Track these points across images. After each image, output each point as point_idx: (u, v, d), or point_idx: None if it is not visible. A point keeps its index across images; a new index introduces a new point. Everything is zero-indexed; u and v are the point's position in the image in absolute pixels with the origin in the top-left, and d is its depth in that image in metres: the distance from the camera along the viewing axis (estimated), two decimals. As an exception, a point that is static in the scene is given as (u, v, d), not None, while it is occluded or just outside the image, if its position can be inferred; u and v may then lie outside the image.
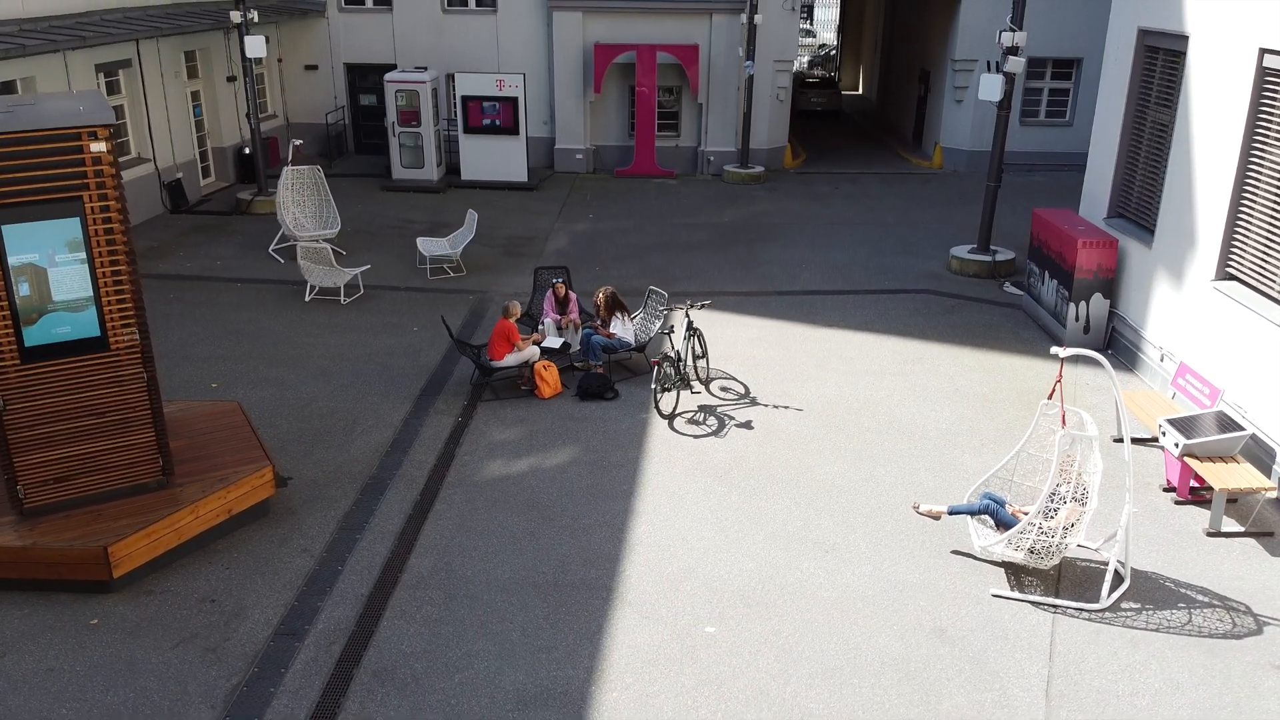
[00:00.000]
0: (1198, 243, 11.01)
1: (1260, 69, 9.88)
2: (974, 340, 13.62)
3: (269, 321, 14.21)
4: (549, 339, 12.40)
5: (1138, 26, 12.35)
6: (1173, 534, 9.00)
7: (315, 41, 24.59)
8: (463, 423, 11.17)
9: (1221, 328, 10.42)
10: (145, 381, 8.35)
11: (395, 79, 21.99)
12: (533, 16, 23.99)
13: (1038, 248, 14.12)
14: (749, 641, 7.54)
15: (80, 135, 7.55)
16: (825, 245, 18.35)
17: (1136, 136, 12.76)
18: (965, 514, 8.54)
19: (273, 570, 8.39)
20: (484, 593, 8.11)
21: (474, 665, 7.27)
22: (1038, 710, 6.85)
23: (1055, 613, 7.90)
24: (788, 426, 11.06)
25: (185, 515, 8.38)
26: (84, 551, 7.84)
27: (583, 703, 6.90)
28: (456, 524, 9.14)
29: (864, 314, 14.66)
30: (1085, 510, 7.91)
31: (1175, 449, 9.15)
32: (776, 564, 8.52)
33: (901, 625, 7.73)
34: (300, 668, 7.23)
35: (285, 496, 9.47)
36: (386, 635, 7.60)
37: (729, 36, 23.54)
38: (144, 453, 8.49)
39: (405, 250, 17.54)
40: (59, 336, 7.92)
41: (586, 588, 8.19)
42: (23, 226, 7.54)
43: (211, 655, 7.34)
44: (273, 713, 6.79)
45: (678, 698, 6.95)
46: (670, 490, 9.72)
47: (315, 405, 11.50)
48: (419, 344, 13.41)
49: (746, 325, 14.13)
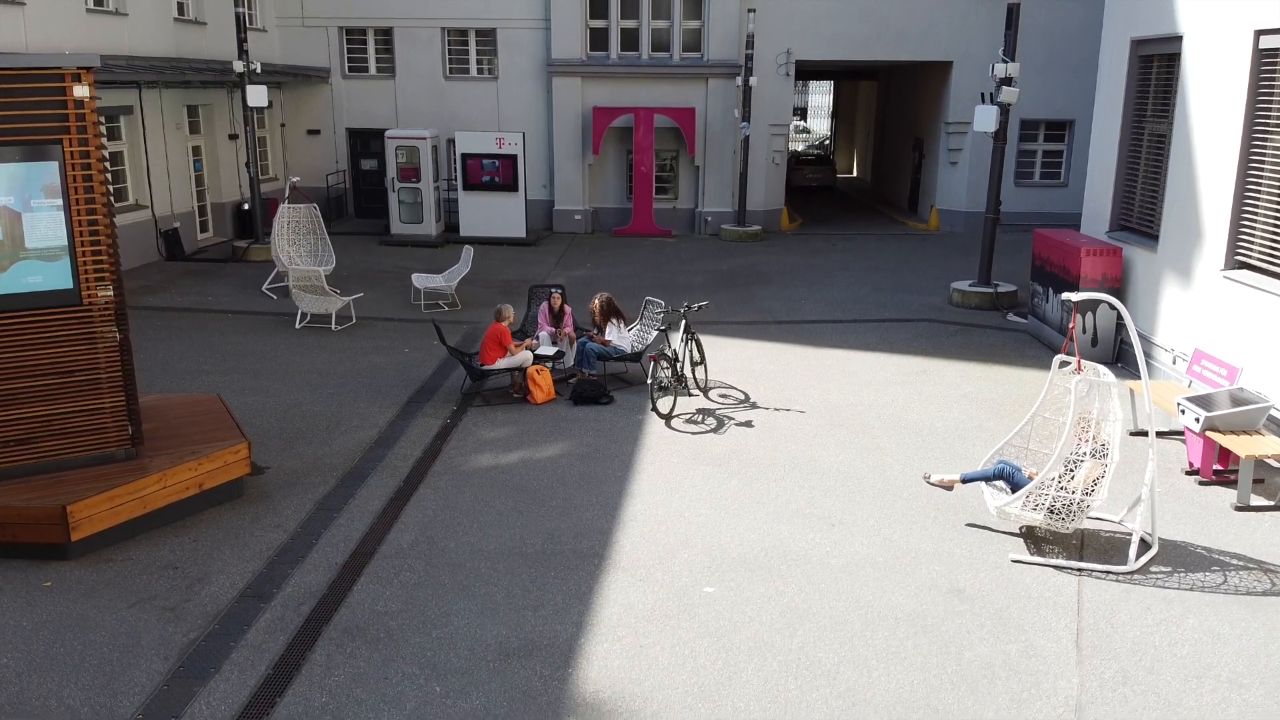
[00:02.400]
0: (1205, 236, 10.80)
1: (1256, 51, 9.84)
2: (980, 356, 13.30)
3: (257, 344, 13.91)
4: (543, 347, 12.07)
5: (1130, 38, 12.44)
6: (1199, 510, 8.49)
7: (318, 107, 25.00)
8: (451, 424, 10.74)
9: (1235, 313, 10.11)
10: (117, 342, 7.99)
11: (396, 135, 22.24)
12: (533, 82, 24.46)
13: (1040, 266, 13.92)
14: (751, 599, 6.99)
15: (64, 77, 7.40)
16: (823, 286, 18.18)
17: (1135, 147, 12.70)
18: (980, 480, 8.06)
19: (243, 543, 7.87)
20: (467, 560, 7.58)
21: (453, 622, 6.71)
22: (1068, 660, 6.27)
23: (1080, 575, 7.35)
24: (790, 424, 10.64)
25: (152, 482, 7.89)
26: (41, 510, 7.34)
27: (571, 653, 6.32)
28: (440, 504, 8.65)
29: (865, 338, 14.36)
30: (1106, 467, 7.45)
31: (1196, 424, 8.73)
32: (780, 535, 8.00)
33: (915, 585, 7.19)
34: (264, 625, 6.67)
35: (261, 482, 9.00)
36: (360, 597, 7.04)
37: (725, 100, 23.93)
38: (112, 418, 8.06)
39: (400, 290, 17.37)
40: (30, 286, 7.61)
41: (577, 555, 7.66)
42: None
43: (170, 614, 6.78)
44: (231, 664, 6.20)
45: (674, 649, 6.37)
46: (667, 476, 9.25)
47: (298, 409, 11.09)
48: (409, 362, 13.07)
49: (745, 347, 13.82)
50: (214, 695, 5.88)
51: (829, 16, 23.96)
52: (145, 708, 5.76)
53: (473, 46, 24.83)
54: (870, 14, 23.84)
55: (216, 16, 21.20)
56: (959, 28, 23.66)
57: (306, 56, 24.45)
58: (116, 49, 17.85)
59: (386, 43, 24.76)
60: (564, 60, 23.90)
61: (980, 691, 5.94)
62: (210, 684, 5.99)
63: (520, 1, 24.08)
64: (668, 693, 5.92)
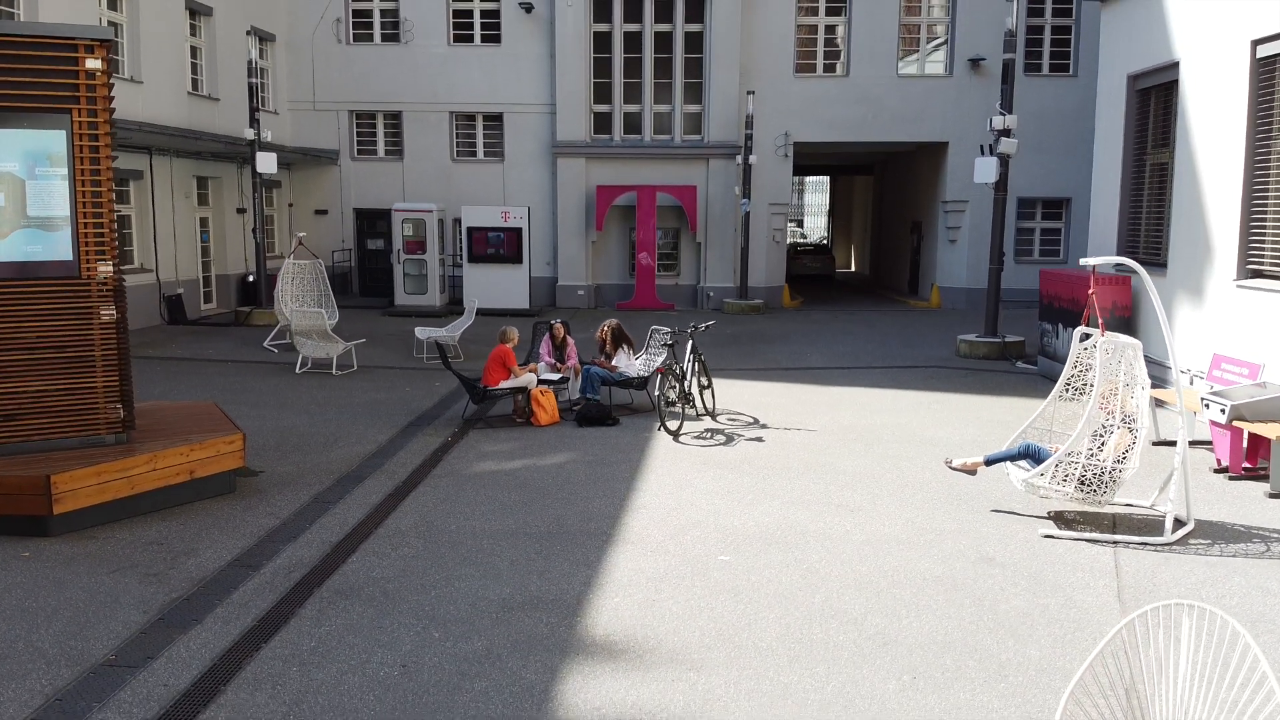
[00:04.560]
0: (1215, 252, 10.74)
1: (1255, 62, 9.99)
2: (994, 390, 13.07)
3: (256, 383, 13.69)
4: (546, 375, 11.85)
5: (1126, 74, 12.68)
6: (1233, 499, 8.14)
7: (326, 187, 25.42)
8: (452, 442, 10.43)
9: (1252, 317, 9.96)
10: (114, 320, 7.80)
11: (403, 208, 22.53)
12: (538, 163, 24.94)
13: (1048, 304, 13.83)
14: (770, 564, 6.60)
15: (78, 47, 7.44)
16: (828, 343, 18.06)
17: (1138, 180, 12.79)
18: (1004, 459, 7.74)
19: (233, 525, 7.49)
20: (469, 539, 7.20)
21: (454, 584, 6.30)
22: (1111, 610, 5.86)
23: (1116, 546, 6.97)
24: (802, 440, 10.33)
25: (140, 462, 7.57)
26: (22, 480, 7.00)
27: (580, 606, 5.91)
28: (441, 497, 8.29)
29: (874, 378, 14.16)
30: (1136, 435, 7.15)
31: (1223, 415, 8.45)
32: (797, 518, 7.63)
33: (943, 554, 6.80)
34: (252, 587, 6.26)
35: (254, 482, 8.66)
36: (355, 567, 6.65)
37: (725, 179, 24.36)
38: (105, 398, 7.80)
39: (403, 347, 17.24)
40: (29, 255, 7.47)
41: (585, 534, 7.27)
42: (6, 134, 7.28)
43: (153, 579, 6.38)
44: (214, 617, 5.79)
45: (689, 602, 5.97)
46: (676, 476, 8.90)
47: (295, 430, 10.79)
48: (411, 397, 12.82)
49: (751, 386, 13.60)
50: (194, 641, 5.46)
51: (825, 100, 24.62)
52: (119, 651, 5.34)
53: (480, 130, 25.42)
54: (866, 97, 24.49)
55: (230, 93, 21.75)
56: (953, 109, 24.26)
57: (317, 139, 24.99)
58: (130, 115, 18.20)
59: (395, 126, 25.35)
60: (569, 142, 24.43)
61: (1021, 635, 5.52)
62: (190, 632, 5.57)
63: (527, 87, 24.78)
64: (684, 636, 5.50)
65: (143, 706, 4.73)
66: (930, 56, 25.26)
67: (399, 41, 24.84)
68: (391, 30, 24.98)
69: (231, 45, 21.77)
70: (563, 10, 24.09)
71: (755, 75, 24.30)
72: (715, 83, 24.17)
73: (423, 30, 24.73)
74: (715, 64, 24.12)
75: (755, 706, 4.72)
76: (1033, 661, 5.19)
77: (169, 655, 5.28)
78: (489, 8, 24.84)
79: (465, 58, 24.87)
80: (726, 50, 24.01)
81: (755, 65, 24.40)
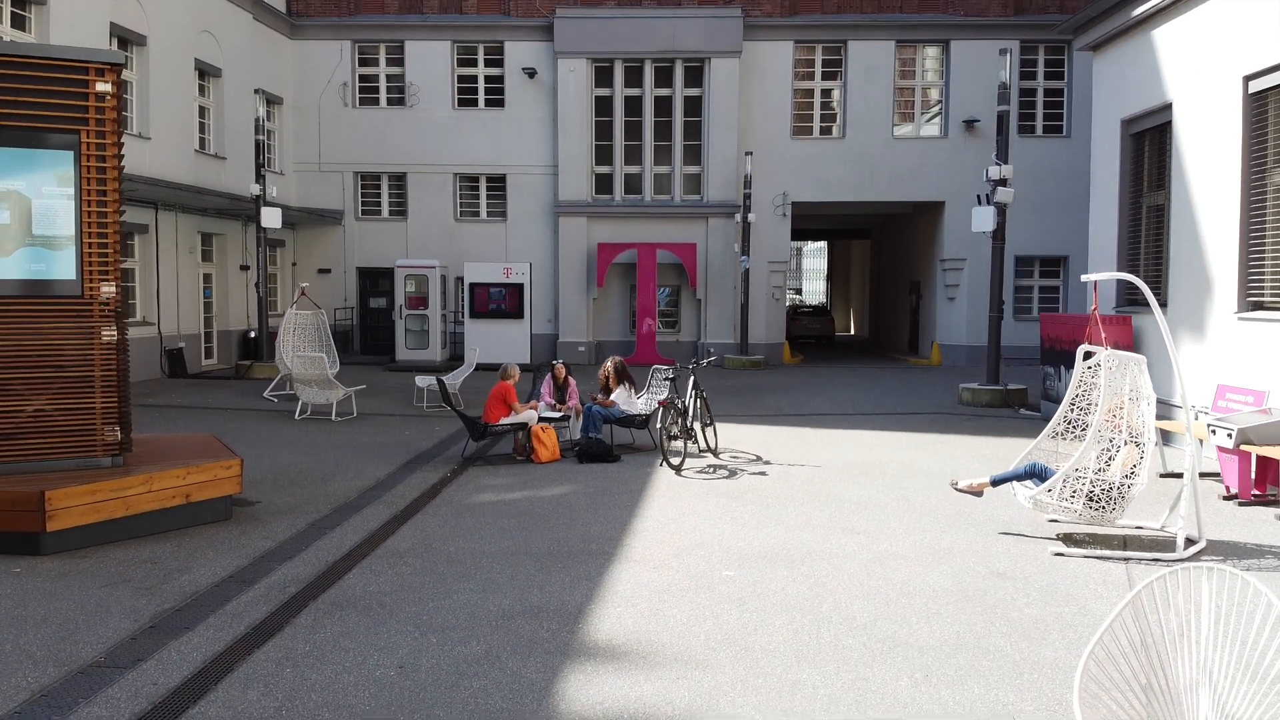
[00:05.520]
0: (1214, 287, 10.77)
1: (1247, 98, 10.15)
2: (998, 432, 12.98)
3: (255, 427, 13.61)
4: (548, 413, 11.79)
5: (1120, 119, 12.88)
6: (1243, 522, 8.02)
7: (330, 247, 25.64)
8: (451, 477, 10.31)
9: (1255, 347, 9.94)
10: (115, 341, 7.78)
11: (406, 265, 22.71)
12: (540, 222, 25.22)
13: (1049, 348, 13.82)
14: (776, 579, 6.46)
15: (89, 70, 7.56)
16: (829, 394, 18.01)
17: (1134, 223, 12.90)
18: (1011, 479, 7.64)
19: (229, 547, 7.36)
20: (468, 558, 7.07)
21: (452, 597, 6.17)
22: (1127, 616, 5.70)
23: (1127, 563, 6.84)
24: (805, 473, 10.22)
25: (136, 482, 7.46)
26: (17, 495, 6.90)
27: (581, 614, 5.78)
28: (440, 523, 8.16)
29: (877, 422, 14.08)
30: (1143, 451, 7.08)
31: (1230, 439, 8.37)
32: (801, 540, 7.50)
33: (952, 569, 6.67)
34: (246, 599, 6.13)
35: (250, 511, 8.53)
36: (352, 582, 6.51)
37: (724, 237, 24.60)
38: (102, 420, 7.73)
39: (403, 397, 17.18)
40: (33, 273, 7.48)
41: (586, 554, 7.14)
42: (14, 151, 7.36)
43: (145, 592, 6.24)
44: (206, 625, 5.65)
45: (694, 611, 5.83)
46: (679, 505, 8.78)
47: (294, 466, 10.68)
48: (410, 439, 12.73)
49: (753, 429, 13.51)
50: (185, 645, 5.31)
51: (823, 161, 25.00)
52: (108, 654, 5.19)
53: (483, 190, 25.76)
54: (862, 158, 24.87)
55: (236, 152, 22.08)
56: (948, 168, 24.60)
57: (321, 199, 25.30)
58: (138, 170, 18.47)
59: (400, 187, 25.70)
60: (570, 202, 24.73)
61: (1035, 638, 5.38)
62: (182, 638, 5.43)
63: (529, 149, 25.18)
64: (689, 640, 5.36)
65: (131, 703, 4.58)
66: (925, 118, 25.73)
67: (404, 105, 25.32)
68: (397, 94, 25.49)
69: (239, 106, 22.18)
70: (565, 76, 24.61)
71: (753, 137, 24.72)
72: (714, 145, 24.57)
73: (428, 94, 25.23)
74: (714, 127, 24.55)
75: (763, 701, 4.58)
76: (1048, 661, 5.05)
77: (159, 657, 5.13)
78: (493, 73, 25.38)
79: (469, 121, 25.32)
80: (725, 113, 24.46)
81: (753, 127, 24.83)
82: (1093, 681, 3.44)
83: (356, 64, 25.50)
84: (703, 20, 24.41)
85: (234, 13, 22.15)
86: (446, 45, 25.19)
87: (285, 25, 24.70)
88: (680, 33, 24.41)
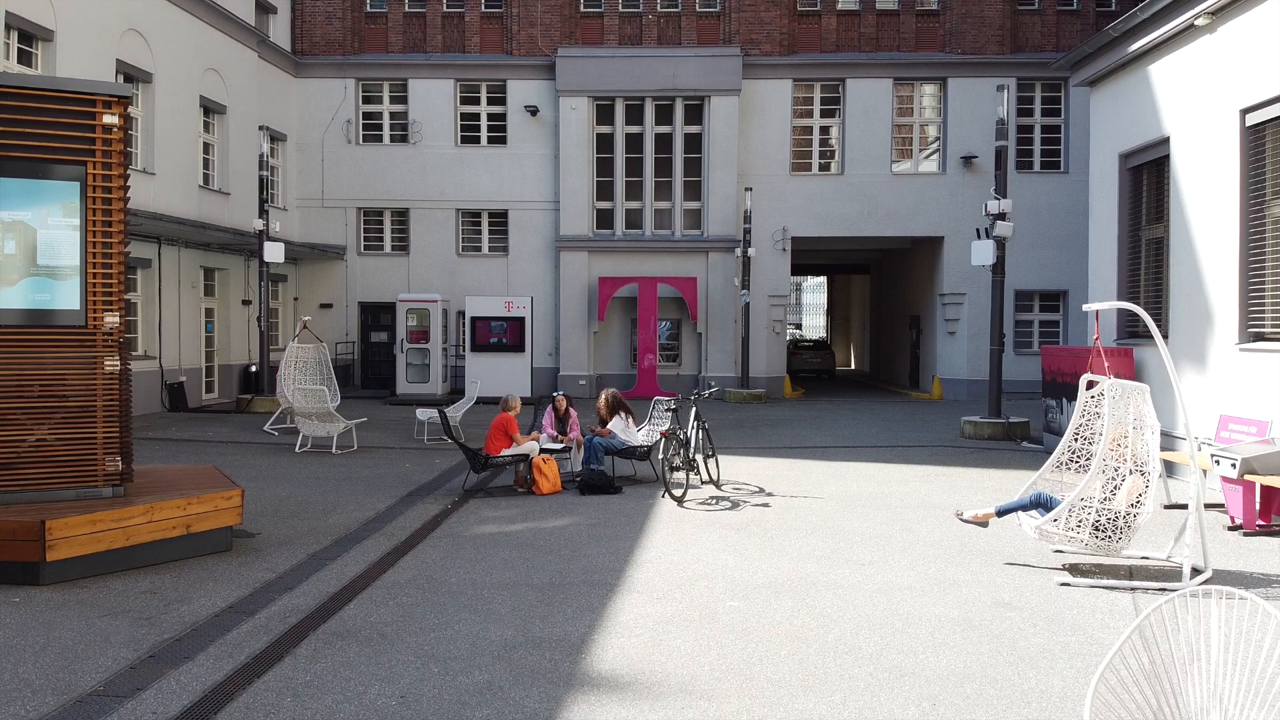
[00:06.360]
0: (1214, 319, 10.79)
1: (1244, 130, 10.24)
2: (1001, 464, 12.94)
3: (254, 460, 13.57)
4: (549, 445, 11.76)
5: (1118, 153, 12.98)
6: (1249, 552, 7.97)
7: (332, 282, 25.73)
8: (452, 509, 10.27)
9: (1257, 378, 9.93)
10: (118, 371, 7.79)
11: (408, 299, 22.78)
12: (541, 257, 25.34)
13: (1051, 380, 13.82)
14: (781, 609, 6.41)
15: (96, 102, 7.64)
16: (831, 428, 17.98)
17: (1134, 256, 12.95)
18: (1016, 509, 7.60)
19: (229, 578, 7.31)
20: (469, 589, 7.02)
21: (453, 627, 6.12)
22: (1135, 645, 5.65)
23: (1134, 593, 6.79)
24: (808, 505, 10.18)
25: (137, 512, 7.44)
26: (16, 525, 6.87)
27: (584, 645, 5.72)
28: (441, 554, 8.11)
29: (879, 455, 14.04)
30: (1148, 480, 7.05)
31: (1234, 469, 8.35)
32: (806, 571, 7.45)
33: (958, 600, 6.62)
34: (246, 629, 6.08)
35: (250, 543, 8.48)
36: (352, 612, 6.46)
37: (725, 271, 24.70)
38: (104, 450, 7.71)
39: (403, 431, 17.16)
40: (37, 303, 7.51)
41: (588, 585, 7.10)
42: (21, 182, 7.41)
43: (145, 622, 6.19)
44: (206, 655, 5.60)
45: (698, 642, 5.78)
46: (682, 536, 8.74)
47: (293, 498, 10.64)
48: (410, 472, 12.69)
49: (756, 462, 13.48)
50: (185, 675, 5.26)
51: (822, 197, 25.16)
52: (107, 683, 5.14)
53: (485, 226, 25.91)
54: (861, 194, 25.04)
55: (239, 189, 22.24)
56: (947, 204, 24.76)
57: (324, 235, 25.43)
58: (142, 205, 18.58)
59: (402, 223, 25.85)
60: (572, 237, 24.87)
61: (1042, 667, 5.32)
62: (182, 667, 5.38)
63: (531, 185, 25.36)
64: (693, 670, 5.30)
65: (129, 732, 4.53)
66: (924, 154, 25.94)
67: (407, 142, 25.54)
68: (400, 131, 25.72)
69: (243, 143, 22.37)
70: (567, 114, 24.85)
71: (753, 173, 24.91)
72: (714, 181, 24.76)
73: (431, 132, 25.46)
74: (714, 163, 24.75)
75: (769, 731, 4.52)
76: (1055, 690, 5.00)
77: (159, 687, 5.08)
78: (496, 111, 25.63)
79: (472, 158, 25.53)
80: (725, 150, 24.67)
81: (753, 163, 25.03)
82: (1104, 706, 3.40)
83: (360, 101, 25.75)
84: (703, 59, 24.70)
85: (239, 51, 22.42)
86: (449, 84, 25.47)
87: (290, 64, 24.98)
88: (681, 71, 24.68)
